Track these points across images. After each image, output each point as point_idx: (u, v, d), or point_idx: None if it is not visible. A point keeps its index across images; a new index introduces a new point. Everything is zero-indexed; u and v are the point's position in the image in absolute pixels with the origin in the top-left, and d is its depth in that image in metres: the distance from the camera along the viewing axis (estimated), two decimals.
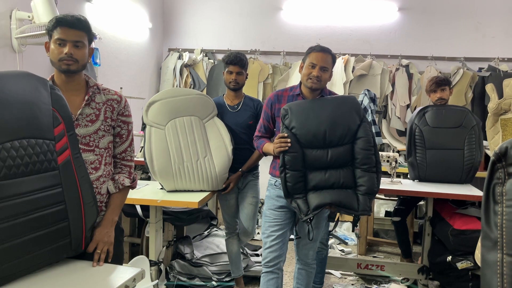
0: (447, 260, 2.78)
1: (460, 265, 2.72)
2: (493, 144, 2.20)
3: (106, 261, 1.58)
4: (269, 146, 2.33)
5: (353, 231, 2.20)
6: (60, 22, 1.62)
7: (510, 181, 0.92)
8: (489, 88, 2.21)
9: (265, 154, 2.46)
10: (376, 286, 3.26)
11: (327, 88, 2.40)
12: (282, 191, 2.21)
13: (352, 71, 5.11)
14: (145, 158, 2.67)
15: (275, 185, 2.38)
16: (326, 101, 2.21)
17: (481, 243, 0.97)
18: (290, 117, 2.15)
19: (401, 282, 3.35)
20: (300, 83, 2.33)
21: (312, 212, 2.09)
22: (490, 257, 0.93)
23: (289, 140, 2.10)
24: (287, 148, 2.10)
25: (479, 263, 2.28)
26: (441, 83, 3.23)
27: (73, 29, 1.62)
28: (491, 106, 2.08)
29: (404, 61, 5.25)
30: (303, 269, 2.47)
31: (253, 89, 5.15)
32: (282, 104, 2.28)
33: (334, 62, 2.28)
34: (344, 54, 5.23)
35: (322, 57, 2.20)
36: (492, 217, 0.95)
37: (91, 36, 1.70)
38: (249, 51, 5.42)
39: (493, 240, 0.94)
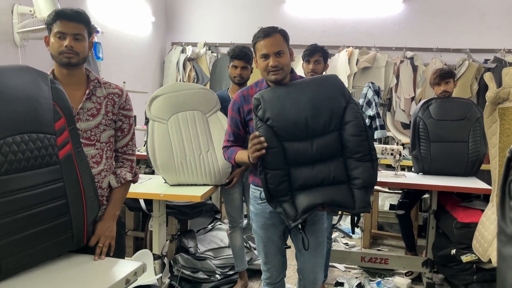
0: (452, 253, 2.77)
1: (465, 258, 2.71)
2: (490, 134, 2.16)
3: (108, 255, 1.58)
4: (242, 154, 1.93)
5: (352, 233, 1.94)
6: (60, 15, 1.61)
7: None
8: (488, 77, 2.17)
9: (239, 166, 2.05)
10: (380, 279, 3.25)
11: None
12: (268, 206, 1.92)
13: (356, 64, 5.08)
14: (148, 153, 2.67)
15: (261, 199, 2.00)
16: (303, 84, 1.87)
17: (497, 238, 0.97)
18: (264, 106, 1.80)
19: (405, 275, 3.34)
20: None
21: (301, 216, 1.77)
22: (506, 251, 0.93)
23: (262, 139, 1.76)
24: (264, 151, 1.75)
25: (477, 255, 2.27)
26: (445, 76, 3.20)
27: (72, 22, 1.62)
28: (489, 95, 2.04)
29: (409, 53, 5.21)
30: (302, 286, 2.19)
31: None
32: (251, 105, 1.91)
33: (286, 38, 1.91)
34: (348, 47, 5.20)
35: (270, 42, 1.85)
36: (507, 213, 0.94)
37: (90, 29, 1.69)
38: (252, 44, 5.39)
39: (508, 235, 0.93)
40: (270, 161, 1.77)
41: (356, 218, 1.91)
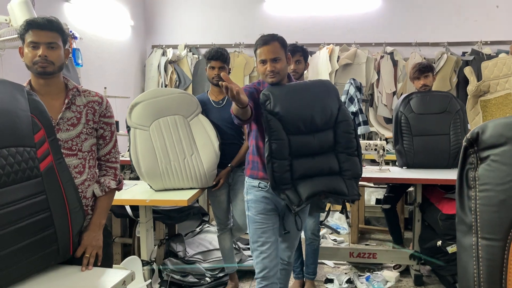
0: (438, 244, 2.81)
1: (451, 249, 2.75)
2: (474, 125, 2.22)
3: (95, 264, 1.57)
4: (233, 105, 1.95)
5: (347, 218, 2.15)
6: (31, 25, 1.59)
7: (482, 166, 0.93)
8: (468, 71, 2.23)
9: (238, 118, 2.02)
10: (369, 273, 3.29)
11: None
12: (267, 193, 2.14)
13: (337, 61, 5.11)
14: (131, 161, 2.65)
15: (259, 187, 2.18)
16: (306, 85, 2.16)
17: (456, 228, 0.98)
18: (274, 101, 2.01)
19: (394, 269, 3.38)
20: None
21: (305, 202, 2.01)
22: (466, 241, 0.95)
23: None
24: (238, 89, 1.73)
25: None
26: (424, 70, 3.24)
27: (45, 31, 1.59)
28: (471, 88, 2.10)
29: (389, 49, 5.26)
30: (284, 269, 2.43)
31: (239, 83, 5.10)
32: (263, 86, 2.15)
33: (283, 45, 2.11)
34: (328, 44, 5.23)
35: (268, 50, 2.06)
36: (466, 202, 0.96)
37: (65, 37, 1.66)
38: (233, 45, 5.39)
39: (468, 224, 0.95)
40: (278, 151, 2.00)
41: (345, 206, 2.21)
